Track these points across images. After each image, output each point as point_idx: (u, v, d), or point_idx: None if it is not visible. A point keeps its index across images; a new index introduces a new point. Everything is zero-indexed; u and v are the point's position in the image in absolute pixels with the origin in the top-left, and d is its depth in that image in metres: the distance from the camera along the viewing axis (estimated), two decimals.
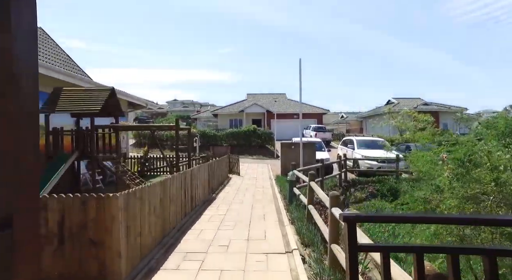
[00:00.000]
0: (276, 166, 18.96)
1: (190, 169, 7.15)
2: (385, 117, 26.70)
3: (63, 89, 8.98)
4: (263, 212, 7.48)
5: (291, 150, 12.87)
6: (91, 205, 3.55)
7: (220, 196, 9.72)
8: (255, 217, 6.98)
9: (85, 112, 8.40)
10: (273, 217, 6.95)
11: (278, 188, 10.77)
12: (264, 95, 44.90)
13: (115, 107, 9.64)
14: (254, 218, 6.84)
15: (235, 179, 13.99)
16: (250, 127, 28.11)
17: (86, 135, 8.62)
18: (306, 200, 6.79)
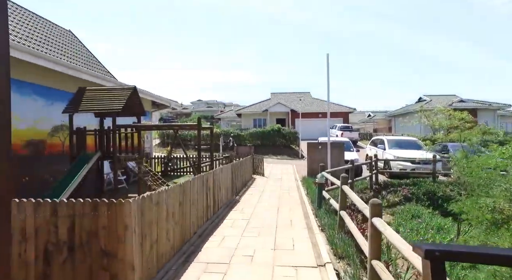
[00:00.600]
0: (301, 167, 18.35)
1: (212, 171, 6.78)
2: (417, 116, 25.33)
3: (87, 89, 8.92)
4: (290, 217, 6.97)
5: (318, 150, 12.26)
6: (102, 211, 3.22)
7: (244, 199, 9.31)
8: (281, 222, 6.49)
9: (107, 111, 8.26)
10: (301, 223, 6.42)
11: (305, 191, 10.21)
12: (288, 94, 44.22)
13: (137, 106, 9.48)
14: (281, 224, 6.35)
15: (259, 180, 13.55)
16: (275, 126, 27.60)
17: (108, 135, 8.49)
18: (337, 205, 6.22)
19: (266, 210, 7.66)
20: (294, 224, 6.36)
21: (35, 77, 8.80)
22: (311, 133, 35.09)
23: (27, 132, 8.51)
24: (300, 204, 8.41)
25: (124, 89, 8.79)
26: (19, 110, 8.28)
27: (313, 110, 38.02)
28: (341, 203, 5.71)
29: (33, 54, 7.87)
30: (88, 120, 9.86)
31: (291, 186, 11.60)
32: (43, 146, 9.10)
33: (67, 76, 9.52)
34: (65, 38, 14.55)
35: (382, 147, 14.40)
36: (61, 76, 9.48)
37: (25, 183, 8.34)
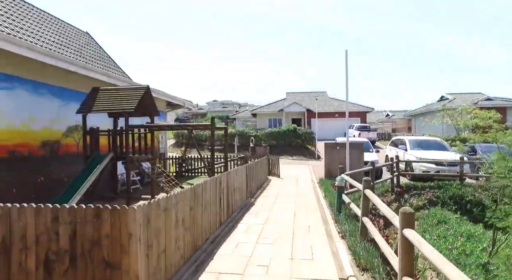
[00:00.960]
0: (318, 168, 17.87)
1: (227, 173, 6.50)
2: (439, 115, 24.33)
3: (100, 89, 8.83)
4: (308, 222, 6.59)
5: (336, 151, 11.79)
6: (105, 218, 2.97)
7: (259, 201, 8.99)
8: (298, 228, 6.13)
9: (119, 111, 8.13)
10: (320, 229, 6.04)
11: (323, 193, 9.79)
12: (304, 93, 43.63)
13: (150, 106, 9.33)
14: (298, 230, 5.99)
15: (274, 181, 13.20)
16: (290, 126, 27.17)
17: (121, 135, 8.36)
18: (358, 210, 5.81)
19: (282, 214, 7.31)
20: (312, 230, 5.98)
21: (50, 77, 8.78)
22: (327, 133, 34.42)
23: (42, 132, 8.50)
24: (317, 208, 8.01)
25: (137, 89, 8.65)
26: (35, 110, 8.27)
27: (330, 110, 37.32)
28: (363, 209, 5.30)
29: (47, 55, 7.83)
30: (103, 120, 9.79)
31: (307, 188, 11.19)
32: (58, 147, 9.07)
33: (82, 76, 9.48)
34: (82, 39, 14.66)
35: (403, 148, 13.75)
36: (76, 77, 9.44)
37: (40, 184, 8.32)
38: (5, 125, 7.44)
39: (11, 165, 7.55)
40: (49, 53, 7.95)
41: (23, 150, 7.93)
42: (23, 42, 7.24)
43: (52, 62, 8.04)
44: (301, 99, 39.42)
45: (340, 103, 39.46)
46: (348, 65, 10.35)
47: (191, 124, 8.64)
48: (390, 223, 8.58)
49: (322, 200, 8.84)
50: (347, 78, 10.39)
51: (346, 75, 10.38)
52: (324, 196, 9.33)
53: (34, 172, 8.15)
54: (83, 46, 13.74)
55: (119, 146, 8.60)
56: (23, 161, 7.87)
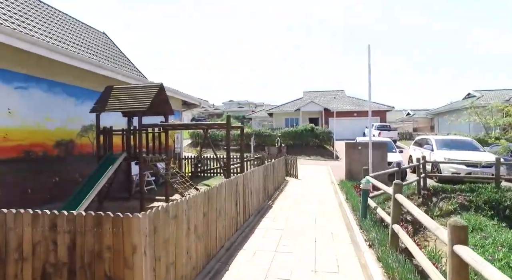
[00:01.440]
0: (337, 169, 17.24)
1: (243, 174, 6.10)
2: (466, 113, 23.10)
3: (114, 88, 8.63)
4: (330, 228, 6.11)
5: (357, 151, 11.20)
6: (106, 227, 2.62)
7: (277, 204, 8.56)
8: (320, 234, 5.66)
9: (132, 110, 7.88)
10: (344, 236, 5.55)
11: (344, 196, 9.25)
12: (321, 92, 42.81)
13: (165, 105, 9.06)
14: (320, 237, 5.52)
15: (292, 182, 12.73)
16: (308, 126, 26.55)
17: (134, 135, 8.12)
18: (386, 216, 5.29)
19: (302, 219, 6.85)
20: (336, 237, 5.50)
21: (65, 76, 8.67)
22: (345, 132, 33.54)
23: (57, 132, 8.38)
24: (340, 212, 7.50)
25: (151, 87, 8.39)
26: (49, 110, 8.16)
27: (348, 108, 36.40)
28: (394, 216, 4.78)
29: (62, 53, 7.69)
30: (119, 119, 9.62)
31: (328, 190, 10.66)
32: (73, 147, 8.95)
33: (97, 75, 9.34)
34: (99, 40, 14.66)
35: (429, 148, 12.96)
36: (91, 76, 9.31)
37: (55, 184, 8.20)
38: (20, 125, 7.34)
39: (26, 165, 7.44)
40: (65, 52, 7.81)
41: (38, 150, 7.82)
42: (41, 42, 7.12)
43: (67, 60, 7.90)
44: (319, 98, 38.64)
45: (358, 102, 38.44)
46: (370, 60, 9.76)
47: (206, 123, 8.31)
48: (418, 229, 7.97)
49: (344, 203, 8.31)
50: (369, 74, 9.80)
51: (369, 71, 9.79)
52: (346, 199, 8.79)
53: (49, 172, 8.04)
54: (99, 46, 13.72)
55: (133, 146, 8.36)
56: (38, 161, 7.77)
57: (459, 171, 10.74)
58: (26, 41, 6.60)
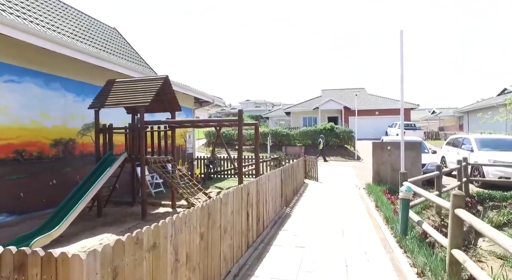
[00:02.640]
0: (360, 170, 15.96)
1: (256, 180, 5.09)
2: (502, 110, 21.18)
3: (115, 81, 7.84)
4: (363, 246, 5.00)
5: (386, 152, 9.96)
6: (32, 273, 1.66)
7: (296, 212, 7.50)
8: (352, 255, 4.57)
9: (133, 105, 7.04)
10: (383, 259, 4.43)
11: (373, 203, 8.07)
12: (340, 90, 41.22)
13: (171, 100, 8.19)
14: (352, 259, 4.44)
15: (313, 186, 11.61)
16: (327, 125, 25.25)
17: (135, 133, 7.27)
18: (442, 238, 4.14)
19: (327, 232, 5.77)
20: (373, 260, 4.39)
21: (64, 70, 7.96)
22: (367, 132, 31.95)
23: (54, 130, 7.66)
24: (371, 223, 6.37)
25: (154, 80, 7.52)
26: (47, 106, 7.45)
27: (369, 107, 34.73)
28: (453, 237, 3.64)
29: (57, 43, 6.94)
30: (125, 117, 8.86)
31: (353, 196, 9.49)
32: (73, 146, 8.23)
33: (101, 69, 8.60)
34: (108, 34, 14.05)
35: (467, 148, 11.52)
36: (93, 69, 8.57)
37: (52, 187, 7.49)
38: (11, 121, 6.62)
39: (18, 166, 6.73)
40: (60, 41, 7.05)
41: (32, 149, 7.10)
42: (29, 28, 6.38)
43: (63, 51, 7.15)
44: (338, 96, 37.10)
45: (380, 100, 36.67)
46: (403, 49, 8.52)
47: (216, 119, 7.36)
48: (467, 245, 6.71)
49: (374, 211, 7.15)
50: (402, 64, 8.56)
51: (401, 60, 8.56)
52: (376, 207, 7.62)
53: (45, 174, 7.32)
54: (108, 41, 13.07)
55: (134, 146, 7.52)
56: (32, 162, 7.05)
57: (509, 176, 9.31)
58: (13, 27, 5.87)
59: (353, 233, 5.64)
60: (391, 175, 9.87)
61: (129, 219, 7.05)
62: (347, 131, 24.94)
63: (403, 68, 8.59)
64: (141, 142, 7.05)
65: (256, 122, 7.67)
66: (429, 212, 7.15)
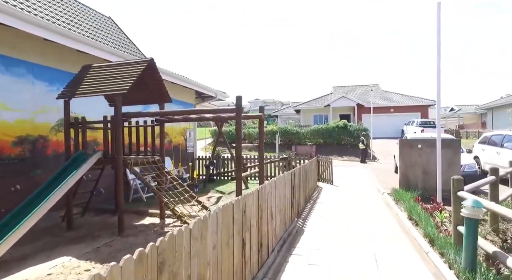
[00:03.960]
0: (378, 171, 14.37)
1: (258, 190, 3.67)
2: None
3: (92, 67, 6.52)
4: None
5: (416, 151, 8.39)
6: None
7: (310, 226, 6.04)
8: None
9: (107, 93, 5.69)
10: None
11: (405, 213, 6.55)
12: (353, 87, 39.47)
13: (159, 90, 6.82)
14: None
15: (327, 190, 10.12)
16: (340, 122, 23.63)
17: (113, 128, 5.93)
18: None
19: (354, 259, 4.31)
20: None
21: (33, 53, 6.69)
22: (381, 130, 30.17)
23: (19, 125, 6.39)
24: (411, 246, 4.87)
25: (136, 64, 6.16)
26: (7, 96, 6.19)
27: (384, 104, 32.87)
28: None
29: (17, 17, 5.65)
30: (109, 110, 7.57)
31: (377, 204, 7.98)
32: (45, 144, 6.96)
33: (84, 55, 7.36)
34: (101, 23, 12.82)
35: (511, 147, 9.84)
36: (72, 55, 7.31)
37: (15, 193, 6.21)
38: None
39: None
40: (21, 15, 5.75)
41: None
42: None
43: (26, 28, 5.86)
44: (350, 93, 35.33)
45: (395, 97, 34.75)
46: (440, 23, 6.97)
47: (210, 109, 5.95)
48: None
49: (411, 229, 5.62)
50: (439, 40, 7.01)
51: (438, 35, 7.00)
52: (410, 219, 6.10)
53: (5, 178, 6.06)
54: (99, 29, 11.82)
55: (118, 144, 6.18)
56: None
57: None
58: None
59: (391, 264, 4.15)
60: (422, 178, 8.31)
61: (104, 234, 5.72)
62: (361, 129, 23.27)
63: (440, 47, 7.03)
64: (117, 138, 5.70)
65: (260, 115, 6.22)
66: (481, 227, 5.61)
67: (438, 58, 7.04)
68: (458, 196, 4.11)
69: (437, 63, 7.05)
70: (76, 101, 7.34)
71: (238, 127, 5.18)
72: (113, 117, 5.77)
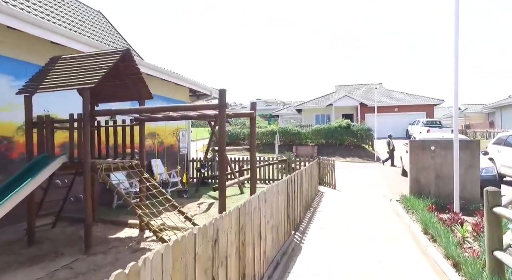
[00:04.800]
0: (383, 174, 13.51)
1: (239, 208, 2.84)
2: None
3: (60, 58, 5.72)
4: None
5: (428, 153, 7.53)
6: None
7: (310, 242, 5.21)
8: None
9: (73, 87, 4.88)
10: None
11: (417, 225, 5.70)
12: (355, 86, 38.54)
13: (137, 84, 6.00)
14: None
15: (329, 196, 9.28)
16: (343, 122, 22.75)
17: (79, 128, 5.12)
18: None
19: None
20: None
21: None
22: (385, 130, 29.20)
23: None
24: (432, 271, 4.03)
25: (109, 54, 5.35)
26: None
27: (387, 103, 31.95)
28: None
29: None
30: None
31: (385, 213, 7.13)
32: (9, 147, 6.17)
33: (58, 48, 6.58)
34: (88, 16, 12.05)
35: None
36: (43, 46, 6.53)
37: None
38: None
39: None
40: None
41: None
42: None
43: None
44: (353, 92, 34.40)
45: (399, 96, 33.82)
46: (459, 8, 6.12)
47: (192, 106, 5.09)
48: None
49: (429, 247, 4.78)
50: (457, 30, 6.15)
51: (456, 27, 6.15)
52: (425, 234, 5.26)
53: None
54: (85, 22, 11.05)
55: (85, 145, 5.36)
56: None
57: None
58: None
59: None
60: (436, 183, 7.46)
61: (69, 251, 4.92)
62: (364, 129, 22.38)
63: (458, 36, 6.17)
64: (85, 139, 4.89)
65: (251, 112, 5.38)
66: None
67: (456, 51, 6.18)
68: (494, 213, 3.26)
69: (454, 57, 6.19)
70: (52, 97, 6.57)
71: (221, 126, 4.35)
72: (79, 115, 4.96)
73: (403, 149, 12.66)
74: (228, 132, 26.32)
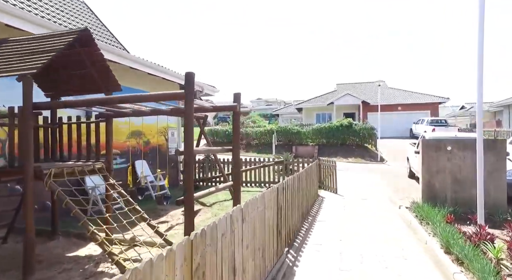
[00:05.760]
0: (388, 175, 12.54)
1: (192, 240, 1.91)
2: None
3: (5, 41, 4.79)
4: None
5: (444, 154, 6.55)
6: None
7: (306, 264, 4.24)
8: None
9: (11, 74, 3.94)
10: None
11: (435, 240, 4.74)
12: (357, 84, 37.53)
13: (101, 74, 5.06)
14: None
15: (330, 202, 8.31)
16: (344, 121, 21.76)
17: (19, 124, 4.18)
18: None
19: None
20: None
21: None
22: (388, 129, 28.22)
23: None
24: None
25: (61, 36, 4.42)
26: None
27: (390, 101, 30.95)
28: None
29: None
30: None
31: (394, 223, 6.16)
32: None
33: (14, 31, 5.61)
34: (70, 5, 11.14)
35: None
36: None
37: None
38: None
39: None
40: None
41: None
42: None
43: None
44: (355, 91, 33.39)
45: (403, 94, 32.82)
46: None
47: (155, 94, 4.10)
48: None
49: (454, 273, 3.82)
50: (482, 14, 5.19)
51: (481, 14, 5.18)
52: (447, 253, 4.29)
53: None
54: (63, 11, 10.12)
55: (26, 146, 4.41)
56: None
57: None
58: None
59: None
60: (453, 189, 6.49)
61: (11, 275, 3.98)
62: (367, 128, 21.38)
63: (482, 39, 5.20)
64: (26, 139, 3.95)
65: (234, 105, 4.43)
66: None
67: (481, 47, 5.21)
68: None
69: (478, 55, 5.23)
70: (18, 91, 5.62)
71: (188, 113, 3.40)
72: (19, 108, 4.02)
73: (410, 149, 11.69)
74: (226, 132, 25.43)
